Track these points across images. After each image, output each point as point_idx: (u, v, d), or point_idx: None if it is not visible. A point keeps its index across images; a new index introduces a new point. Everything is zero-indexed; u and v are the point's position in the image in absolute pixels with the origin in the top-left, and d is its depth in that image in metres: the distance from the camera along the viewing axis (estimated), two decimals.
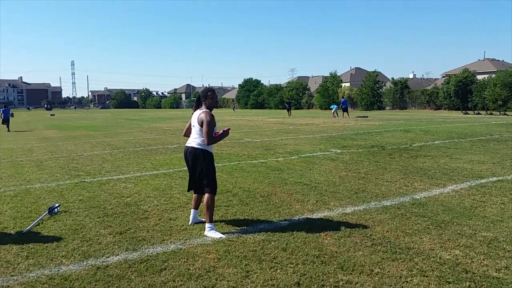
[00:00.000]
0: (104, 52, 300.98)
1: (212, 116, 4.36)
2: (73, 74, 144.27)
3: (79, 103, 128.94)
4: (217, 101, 4.65)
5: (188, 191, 4.76)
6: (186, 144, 4.55)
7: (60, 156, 10.61)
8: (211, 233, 4.24)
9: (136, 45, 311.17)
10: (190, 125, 4.71)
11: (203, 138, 4.37)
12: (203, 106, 4.51)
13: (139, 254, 3.75)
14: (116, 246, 3.97)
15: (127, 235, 4.29)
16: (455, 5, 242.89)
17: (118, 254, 3.77)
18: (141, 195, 5.97)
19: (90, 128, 23.47)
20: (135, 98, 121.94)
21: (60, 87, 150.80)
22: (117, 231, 4.40)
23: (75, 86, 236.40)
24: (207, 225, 4.32)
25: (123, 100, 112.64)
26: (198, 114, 4.42)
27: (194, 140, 4.44)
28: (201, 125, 4.35)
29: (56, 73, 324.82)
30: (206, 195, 4.38)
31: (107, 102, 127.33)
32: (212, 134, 4.36)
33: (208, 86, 4.93)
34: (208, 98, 4.50)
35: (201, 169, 4.40)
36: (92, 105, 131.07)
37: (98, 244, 4.05)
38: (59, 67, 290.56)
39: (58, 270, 3.44)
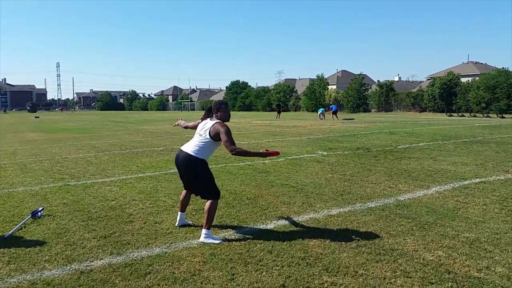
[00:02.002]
0: (89, 54, 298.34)
1: (227, 125, 4.24)
2: (58, 75, 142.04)
3: (65, 105, 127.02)
4: (230, 115, 4.46)
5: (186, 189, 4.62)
6: (181, 148, 4.38)
7: (44, 159, 10.47)
8: (208, 240, 4.09)
9: (122, 47, 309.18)
10: (193, 126, 4.65)
11: (203, 147, 4.22)
12: (214, 118, 4.36)
13: (124, 258, 3.72)
14: (100, 250, 3.93)
15: (112, 239, 4.25)
16: (439, 9, 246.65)
17: (102, 258, 3.73)
18: (126, 198, 5.92)
19: (75, 130, 23.19)
20: (121, 100, 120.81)
21: (45, 89, 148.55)
22: (101, 235, 4.35)
23: (60, 88, 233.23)
24: (204, 231, 4.15)
25: (109, 102, 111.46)
26: (211, 124, 4.24)
27: (192, 147, 4.26)
28: (214, 137, 4.18)
29: (41, 74, 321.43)
30: (208, 201, 4.24)
31: (92, 104, 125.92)
32: (233, 140, 4.17)
33: (221, 100, 4.76)
34: (221, 110, 4.34)
35: (197, 178, 4.27)
36: (77, 107, 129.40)
37: (82, 248, 4.00)
38: (44, 68, 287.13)
39: (40, 275, 3.39)
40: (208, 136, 4.21)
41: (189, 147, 4.28)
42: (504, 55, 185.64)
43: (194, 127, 4.62)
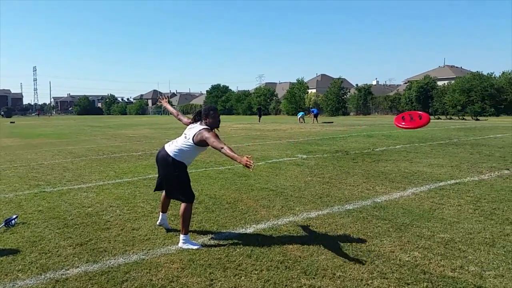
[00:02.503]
0: (67, 58, 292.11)
1: (213, 131, 4.15)
2: (35, 80, 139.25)
3: (41, 109, 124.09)
4: (219, 120, 4.36)
5: (155, 191, 4.66)
6: (165, 145, 4.34)
7: (19, 165, 10.22)
8: (186, 246, 4.07)
9: (101, 51, 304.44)
10: (185, 123, 4.60)
11: (185, 150, 4.17)
12: (203, 123, 4.27)
13: (100, 266, 3.66)
14: (76, 258, 3.85)
15: (88, 246, 4.17)
16: (415, 13, 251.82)
17: (78, 266, 3.66)
18: (103, 205, 5.83)
19: (51, 135, 22.73)
20: (99, 105, 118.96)
21: (21, 94, 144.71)
22: (77, 243, 4.27)
23: (37, 93, 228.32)
24: (181, 236, 4.13)
25: (86, 106, 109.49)
26: (198, 130, 4.15)
27: (173, 148, 4.21)
28: (198, 143, 4.12)
29: (17, 78, 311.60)
30: (182, 205, 4.22)
31: (69, 109, 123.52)
32: (220, 140, 4.03)
33: (211, 105, 4.65)
34: (209, 117, 4.23)
35: (173, 179, 4.23)
36: (54, 112, 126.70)
37: (58, 256, 3.92)
38: (20, 72, 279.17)
39: (13, 285, 3.31)
40: (191, 141, 4.16)
41: (171, 148, 4.24)
42: (478, 57, 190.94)
43: (185, 124, 4.59)
